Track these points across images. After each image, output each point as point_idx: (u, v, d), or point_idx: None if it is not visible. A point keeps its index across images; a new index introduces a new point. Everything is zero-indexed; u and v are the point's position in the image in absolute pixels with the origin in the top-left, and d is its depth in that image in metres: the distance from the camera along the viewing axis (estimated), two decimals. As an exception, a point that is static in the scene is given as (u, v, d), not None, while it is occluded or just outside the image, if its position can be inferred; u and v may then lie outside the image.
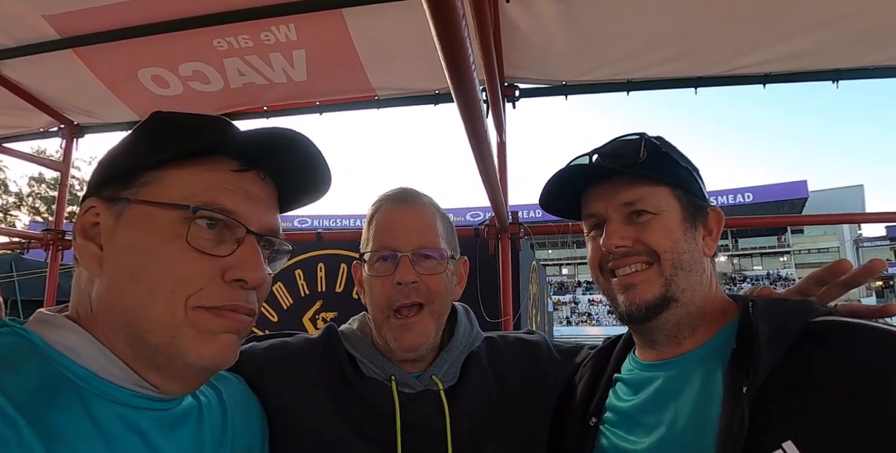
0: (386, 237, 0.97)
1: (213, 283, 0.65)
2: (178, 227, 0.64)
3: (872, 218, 3.16)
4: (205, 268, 0.65)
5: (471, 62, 0.90)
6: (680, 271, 0.86)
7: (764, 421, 0.69)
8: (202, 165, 0.68)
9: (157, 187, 0.66)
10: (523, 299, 2.61)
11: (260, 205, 0.71)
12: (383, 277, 0.96)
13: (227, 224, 0.67)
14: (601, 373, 0.98)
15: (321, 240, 2.75)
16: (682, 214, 0.89)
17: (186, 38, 2.33)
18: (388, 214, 1.00)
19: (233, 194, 0.68)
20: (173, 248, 0.64)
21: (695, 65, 2.34)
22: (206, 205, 0.66)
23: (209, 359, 0.65)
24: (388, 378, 0.97)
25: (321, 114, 2.84)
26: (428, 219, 1.01)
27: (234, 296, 0.66)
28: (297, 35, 2.28)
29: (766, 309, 0.81)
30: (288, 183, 0.77)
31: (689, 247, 0.88)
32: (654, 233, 0.87)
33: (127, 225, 0.65)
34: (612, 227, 0.89)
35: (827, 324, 0.76)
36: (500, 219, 2.30)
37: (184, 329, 0.63)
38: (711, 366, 0.81)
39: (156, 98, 2.71)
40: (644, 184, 0.89)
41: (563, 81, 2.52)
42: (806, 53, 2.20)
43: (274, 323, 2.84)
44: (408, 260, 0.95)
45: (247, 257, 0.67)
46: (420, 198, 1.03)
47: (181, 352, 0.64)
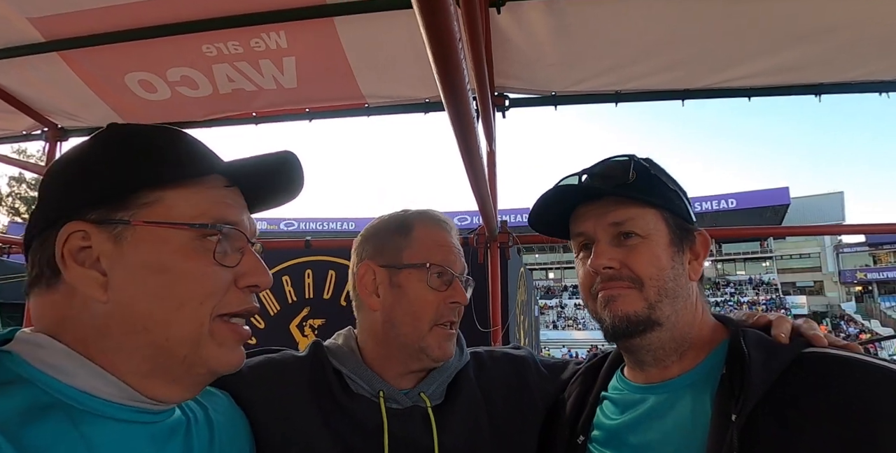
0: (444, 254, 1.01)
1: (230, 292, 0.70)
2: (198, 245, 0.68)
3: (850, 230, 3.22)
4: (224, 279, 0.69)
5: (464, 72, 0.91)
6: (665, 298, 0.86)
7: (751, 449, 0.70)
8: (200, 184, 0.71)
9: (161, 207, 0.67)
10: (512, 307, 2.62)
11: (247, 214, 0.77)
12: (438, 292, 0.98)
13: (231, 236, 0.71)
14: (589, 391, 0.99)
15: (310, 248, 2.73)
16: (669, 238, 0.89)
17: (175, 43, 2.30)
18: (440, 232, 1.03)
19: (233, 208, 0.73)
20: (200, 265, 0.68)
21: (681, 77, 2.37)
22: (219, 220, 0.70)
23: (228, 366, 0.71)
24: (377, 394, 0.97)
25: (311, 121, 2.82)
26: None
27: (247, 300, 0.72)
28: (287, 42, 2.27)
29: (758, 337, 0.81)
30: (259, 193, 0.81)
31: (674, 274, 0.87)
32: (641, 259, 0.86)
33: (137, 246, 0.66)
34: (600, 248, 0.89)
35: (818, 356, 0.77)
36: (489, 228, 2.31)
37: (208, 339, 0.68)
38: (699, 391, 0.82)
39: (143, 102, 2.68)
40: (633, 206, 0.89)
41: (552, 92, 2.54)
42: (789, 68, 2.24)
43: (261, 329, 2.81)
44: (459, 281, 1.00)
45: (254, 264, 0.73)
46: (454, 225, 1.08)
47: (206, 361, 0.68)
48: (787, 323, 0.87)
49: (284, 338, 2.72)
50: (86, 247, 0.65)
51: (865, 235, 36.34)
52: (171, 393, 0.69)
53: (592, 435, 0.92)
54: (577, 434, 0.93)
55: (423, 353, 0.98)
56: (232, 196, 0.74)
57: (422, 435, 0.94)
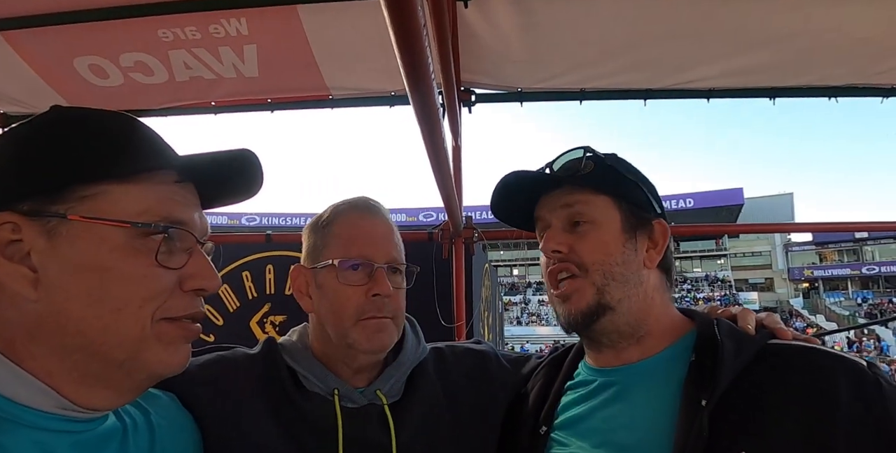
0: (360, 246, 0.94)
1: (174, 295, 0.66)
2: (139, 244, 0.64)
3: (800, 228, 3.36)
4: (168, 281, 0.65)
5: (430, 66, 0.89)
6: (612, 281, 0.89)
7: (719, 433, 0.72)
8: (148, 179, 0.65)
9: (102, 203, 0.62)
10: (476, 303, 2.63)
11: (198, 213, 0.72)
12: (355, 287, 0.93)
13: (177, 236, 0.66)
14: (552, 382, 0.99)
15: (271, 242, 2.67)
16: (621, 225, 0.92)
17: (129, 27, 2.20)
18: (359, 223, 0.97)
19: (183, 206, 0.68)
20: (140, 265, 0.63)
21: (644, 77, 2.43)
22: (165, 219, 0.65)
23: (171, 368, 0.67)
24: (331, 392, 0.94)
25: (272, 112, 2.75)
26: (393, 231, 1.00)
27: (194, 304, 0.69)
28: (248, 29, 2.20)
29: (730, 327, 0.85)
30: (214, 190, 0.76)
31: (624, 259, 0.90)
32: (588, 245, 0.90)
33: (73, 243, 0.61)
34: (551, 233, 0.94)
35: (782, 347, 0.81)
36: (454, 223, 2.30)
37: (150, 342, 0.64)
38: (663, 377, 0.84)
39: (93, 88, 2.55)
40: (585, 193, 0.93)
41: (518, 88, 2.55)
42: (746, 71, 2.32)
43: (219, 326, 2.73)
44: (383, 271, 0.94)
45: (201, 266, 0.69)
46: (381, 208, 1.02)
47: (147, 365, 0.65)
48: (752, 315, 0.91)
49: (244, 335, 2.65)
50: (16, 241, 0.60)
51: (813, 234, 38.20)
52: (104, 401, 0.65)
53: (556, 423, 0.93)
54: (540, 425, 0.93)
55: (352, 349, 0.93)
56: (182, 193, 0.69)
57: (378, 434, 0.92)
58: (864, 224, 4.10)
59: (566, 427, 0.91)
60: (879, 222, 3.60)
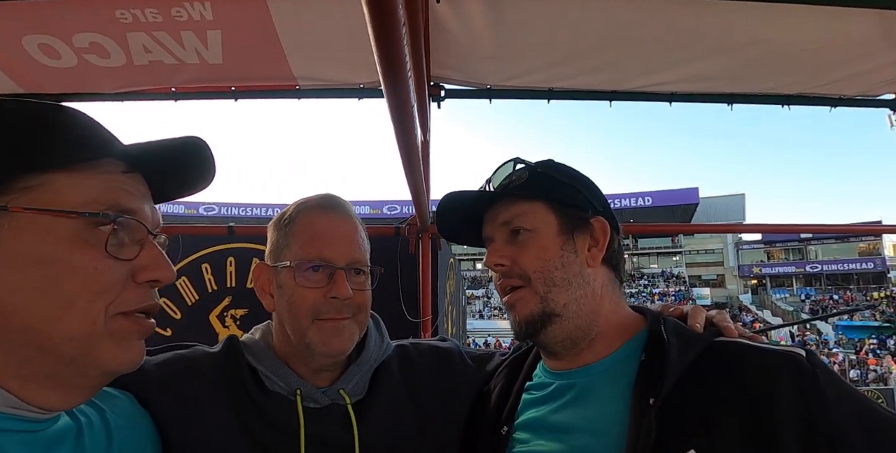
0: (320, 247, 0.93)
1: (127, 288, 0.65)
2: (87, 235, 0.62)
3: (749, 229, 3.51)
4: (119, 273, 0.64)
5: (406, 60, 0.89)
6: (553, 288, 0.90)
7: (669, 431, 0.75)
8: (91, 168, 0.63)
9: (46, 193, 0.60)
10: (441, 297, 2.64)
11: (149, 204, 0.70)
12: (313, 289, 0.92)
13: (127, 226, 0.64)
14: (513, 382, 1.01)
15: (233, 234, 2.60)
16: (558, 228, 0.93)
17: (84, 6, 2.09)
18: (319, 222, 0.95)
19: (131, 196, 0.66)
20: (88, 257, 0.61)
21: (609, 79, 2.48)
22: (112, 208, 0.63)
23: (123, 365, 0.65)
24: (293, 392, 0.93)
25: (236, 100, 2.66)
26: (357, 230, 0.98)
27: (147, 297, 0.67)
28: (212, 14, 2.12)
29: (677, 325, 0.87)
30: (165, 181, 0.74)
31: (563, 263, 0.91)
32: (528, 254, 0.92)
33: (17, 235, 0.59)
34: (493, 247, 0.96)
35: (727, 344, 0.84)
36: (421, 218, 2.30)
37: (102, 338, 0.62)
38: (618, 377, 0.86)
39: (43, 69, 2.41)
40: (521, 203, 0.95)
41: (487, 85, 2.56)
42: (706, 77, 2.40)
43: (177, 320, 2.64)
44: (343, 273, 0.92)
45: (155, 257, 0.67)
46: (346, 206, 1.00)
47: (99, 362, 0.63)
48: (703, 313, 0.94)
49: (203, 330, 2.58)
50: None
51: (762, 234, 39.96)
52: (57, 400, 0.63)
53: (516, 424, 0.94)
54: (501, 424, 0.94)
55: (309, 350, 0.92)
56: (131, 182, 0.67)
57: (341, 434, 0.92)
58: (810, 226, 4.34)
59: (527, 427, 0.93)
60: (824, 224, 3.82)
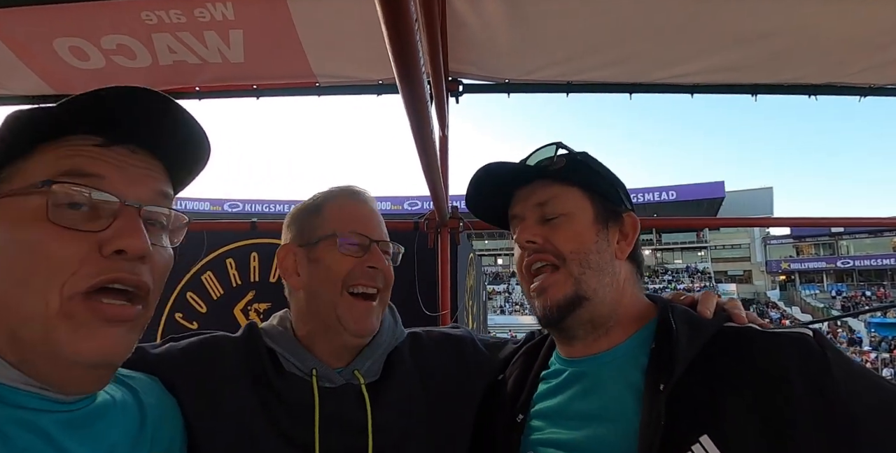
0: (357, 224, 1.00)
1: (88, 261, 0.60)
2: (39, 209, 0.59)
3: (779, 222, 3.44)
4: (78, 247, 0.60)
5: (419, 55, 0.90)
6: (588, 270, 0.91)
7: (682, 417, 0.75)
8: (55, 146, 0.63)
9: (16, 179, 0.62)
10: (461, 292, 2.65)
11: (137, 175, 0.66)
12: (352, 257, 0.98)
13: (96, 199, 0.61)
14: (529, 371, 1.02)
15: (256, 230, 2.66)
16: (594, 216, 0.94)
17: (111, 9, 2.15)
18: (353, 204, 1.04)
19: (99, 161, 0.63)
20: (36, 231, 0.59)
21: (629, 71, 2.45)
22: (66, 174, 0.61)
23: (89, 356, 0.60)
24: (309, 372, 0.96)
25: (258, 98, 2.72)
26: (380, 215, 1.06)
27: (114, 267, 0.61)
28: (234, 14, 2.17)
29: (685, 312, 0.87)
30: (164, 152, 0.71)
31: (598, 248, 0.92)
32: (563, 235, 0.92)
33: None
34: (525, 225, 0.96)
35: (736, 330, 0.84)
36: (440, 213, 2.31)
37: (59, 321, 0.59)
38: (630, 364, 0.87)
39: (73, 71, 2.49)
40: (558, 186, 0.95)
41: (506, 79, 2.56)
42: (729, 68, 2.36)
43: (203, 314, 2.72)
44: (377, 246, 0.99)
45: (124, 227, 0.61)
46: (369, 194, 1.07)
47: (59, 347, 0.59)
48: (713, 299, 0.94)
49: (228, 323, 2.64)
50: None
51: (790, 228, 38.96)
52: (61, 384, 0.62)
53: (532, 412, 0.95)
54: (517, 413, 0.96)
55: (340, 325, 0.96)
56: (106, 153, 0.64)
57: (355, 413, 0.94)
58: (841, 220, 4.22)
59: (542, 416, 0.93)
60: (856, 218, 3.72)
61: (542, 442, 0.90)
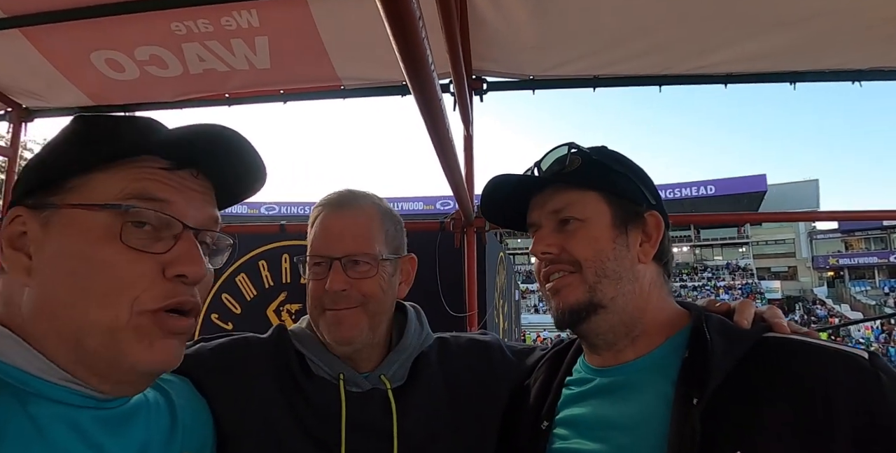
0: (320, 243, 0.98)
1: (155, 283, 0.64)
2: (111, 228, 0.63)
3: (826, 216, 3.28)
4: (145, 267, 0.64)
5: (426, 53, 0.88)
6: (604, 279, 0.87)
7: (713, 432, 0.71)
8: (129, 165, 0.66)
9: (85, 191, 0.65)
10: (490, 291, 2.63)
11: (196, 199, 0.70)
12: (318, 281, 0.97)
13: (162, 221, 0.66)
14: (554, 376, 0.99)
15: (285, 232, 2.70)
16: (611, 220, 0.90)
17: (143, 21, 2.23)
18: (325, 220, 1.01)
19: (165, 185, 0.67)
20: (109, 251, 0.63)
21: (659, 62, 2.38)
22: (136, 197, 0.64)
23: (150, 365, 0.65)
24: (336, 376, 0.97)
25: (285, 102, 2.77)
26: (363, 223, 1.00)
27: (178, 291, 0.66)
28: (259, 21, 2.21)
29: (720, 321, 0.83)
30: (223, 179, 0.75)
31: (616, 255, 0.88)
32: (578, 242, 0.88)
33: (56, 231, 0.64)
34: (540, 234, 0.93)
35: (777, 341, 0.78)
36: (464, 212, 2.30)
37: (126, 333, 0.62)
38: (659, 375, 0.83)
39: (110, 82, 2.60)
40: (572, 191, 0.91)
41: (530, 76, 2.52)
42: (765, 55, 2.26)
43: (237, 315, 2.78)
44: (339, 265, 0.95)
45: (185, 252, 0.66)
46: (359, 200, 1.02)
47: (122, 356, 0.63)
48: (750, 308, 0.88)
49: (261, 324, 2.69)
50: (25, 233, 0.65)
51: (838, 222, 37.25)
52: (103, 386, 0.65)
53: (557, 419, 0.92)
54: (542, 420, 0.93)
55: (324, 339, 0.98)
56: (172, 177, 0.68)
57: (381, 419, 0.94)
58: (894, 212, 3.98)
59: (567, 424, 0.91)
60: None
61: (565, 452, 0.87)
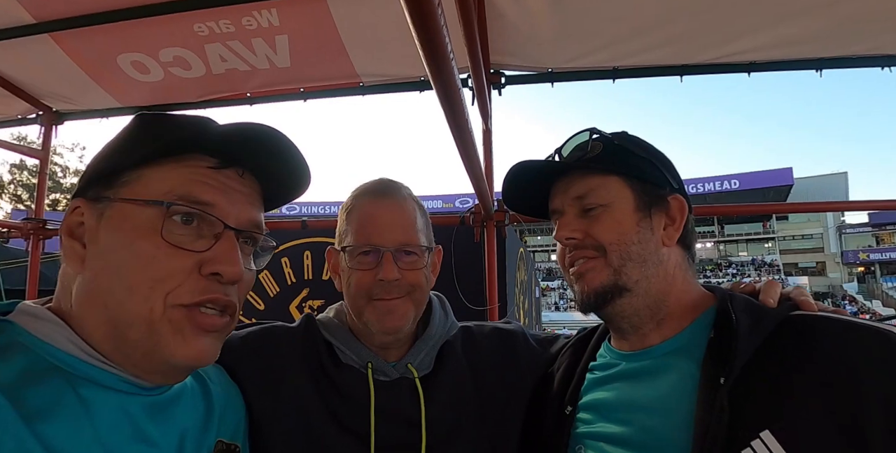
0: (369, 233, 0.97)
1: (190, 278, 0.66)
2: (155, 224, 0.66)
3: (855, 206, 3.19)
4: (182, 263, 0.66)
5: (448, 48, 0.89)
6: (629, 262, 0.87)
7: (741, 411, 0.70)
8: (178, 163, 0.69)
9: (137, 186, 0.68)
10: (510, 286, 2.63)
11: (240, 200, 0.72)
12: (365, 271, 0.96)
13: (204, 219, 0.68)
14: (578, 362, 0.99)
15: (306, 228, 2.74)
16: (635, 203, 0.90)
17: (166, 23, 2.27)
18: (370, 209, 1.00)
19: (210, 187, 0.70)
20: (150, 245, 0.65)
21: (680, 52, 2.34)
22: (181, 198, 0.67)
23: (184, 359, 0.67)
24: (365, 365, 0.98)
25: (305, 100, 2.80)
26: (409, 214, 1.01)
27: (211, 288, 0.67)
28: (279, 20, 2.24)
29: (745, 300, 0.82)
30: (269, 180, 0.78)
31: (640, 238, 0.88)
32: (602, 226, 0.88)
33: (108, 223, 0.67)
34: (564, 220, 0.93)
35: (804, 318, 0.77)
36: (484, 207, 2.30)
37: (161, 325, 0.65)
38: (685, 357, 0.83)
39: (136, 84, 2.66)
40: (595, 176, 0.91)
41: (549, 68, 2.51)
42: (790, 42, 2.20)
43: (260, 311, 2.83)
44: (391, 256, 0.96)
45: (223, 252, 0.68)
46: (400, 191, 1.03)
47: (158, 349, 0.65)
48: (776, 288, 0.87)
49: (283, 319, 2.71)
50: (82, 223, 0.69)
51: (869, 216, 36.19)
52: (141, 375, 0.68)
53: (580, 404, 0.93)
54: (565, 405, 0.93)
55: (368, 328, 0.97)
56: (217, 177, 0.70)
57: (409, 407, 0.95)
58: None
59: (591, 408, 0.91)
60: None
61: (590, 436, 0.88)
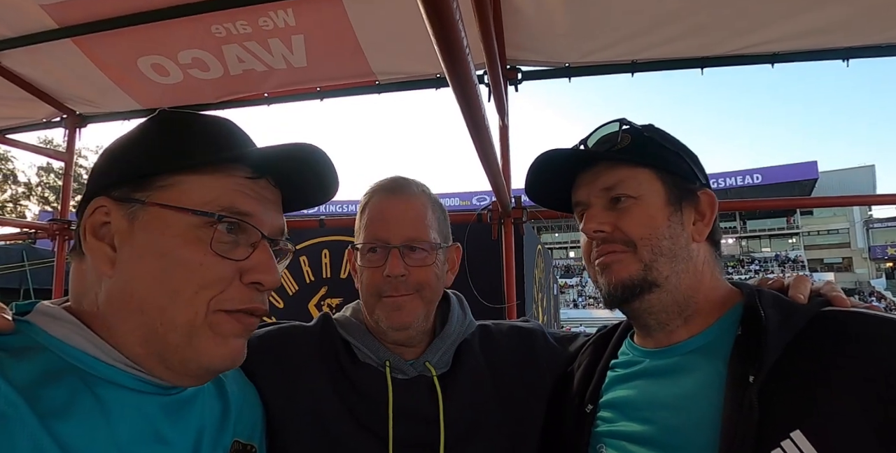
0: (377, 229, 0.98)
1: (232, 286, 0.68)
2: (200, 232, 0.67)
3: (883, 200, 3.11)
4: (225, 271, 0.67)
5: (464, 45, 0.88)
6: (660, 257, 0.84)
7: (770, 410, 0.68)
8: (219, 171, 0.69)
9: (176, 192, 0.67)
10: (528, 284, 2.61)
11: (271, 209, 0.74)
12: (374, 268, 0.97)
13: (244, 229, 0.69)
14: (598, 360, 0.97)
15: (324, 227, 2.75)
16: (665, 197, 0.87)
17: (184, 26, 2.30)
18: (380, 205, 1.00)
19: (250, 198, 0.71)
20: (197, 253, 0.66)
21: (701, 44, 2.29)
22: (226, 209, 0.68)
23: (221, 361, 0.69)
24: (383, 363, 0.98)
25: (322, 100, 2.81)
26: (418, 210, 1.00)
27: (252, 298, 0.69)
28: (295, 20, 2.25)
29: (774, 296, 0.79)
30: (293, 189, 0.79)
31: (671, 233, 0.85)
32: (633, 220, 0.85)
33: (145, 227, 0.67)
34: (592, 212, 0.89)
35: (836, 314, 0.74)
36: (502, 204, 2.28)
37: (202, 330, 0.66)
38: (711, 354, 0.80)
39: (157, 86, 2.70)
40: (624, 168, 0.88)
41: (566, 63, 2.47)
42: (815, 31, 2.14)
43: (280, 309, 2.86)
44: (397, 252, 0.95)
45: (263, 261, 0.70)
46: (411, 187, 1.02)
47: (197, 353, 0.66)
48: (806, 283, 0.84)
49: (303, 317, 2.73)
50: (107, 223, 0.68)
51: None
52: (170, 379, 0.68)
53: (601, 402, 0.91)
54: (586, 403, 0.92)
55: (380, 326, 0.98)
56: (254, 187, 0.71)
57: (427, 405, 0.95)
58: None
59: (612, 406, 0.89)
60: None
61: (611, 434, 0.86)
